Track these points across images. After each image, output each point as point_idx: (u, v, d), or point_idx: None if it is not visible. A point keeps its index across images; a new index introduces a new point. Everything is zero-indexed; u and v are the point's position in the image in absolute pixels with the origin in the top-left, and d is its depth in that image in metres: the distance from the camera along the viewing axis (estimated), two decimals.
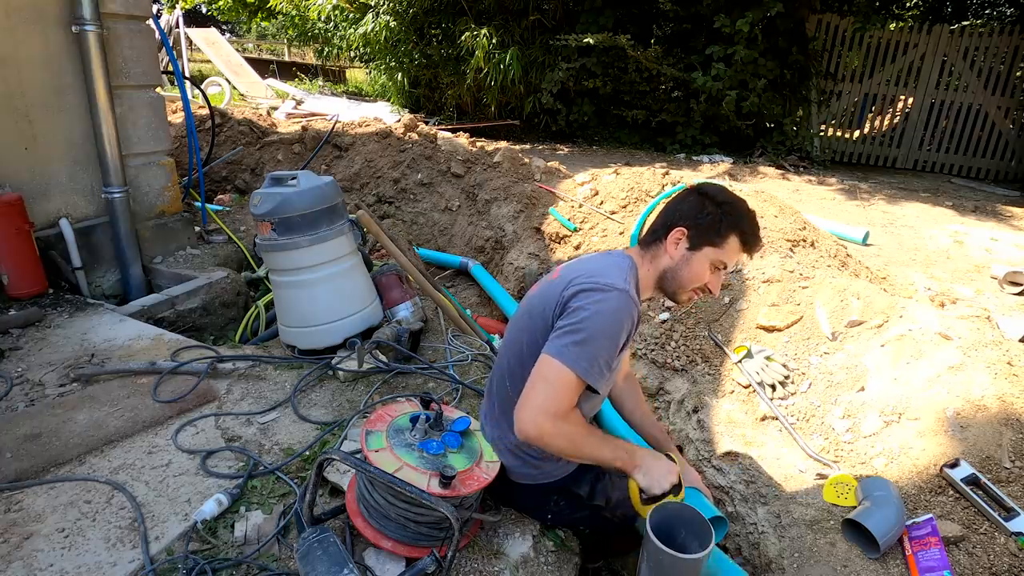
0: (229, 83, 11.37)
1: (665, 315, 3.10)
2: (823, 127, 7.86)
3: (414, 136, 6.01)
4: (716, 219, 1.53)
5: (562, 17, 8.39)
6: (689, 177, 5.41)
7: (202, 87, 9.17)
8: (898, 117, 8.24)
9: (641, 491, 1.54)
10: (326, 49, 11.60)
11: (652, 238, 1.60)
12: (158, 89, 3.35)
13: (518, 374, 1.53)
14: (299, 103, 10.17)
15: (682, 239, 1.55)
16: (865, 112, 8.20)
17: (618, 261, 1.56)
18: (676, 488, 1.56)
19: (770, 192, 4.42)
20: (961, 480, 1.88)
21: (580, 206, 4.56)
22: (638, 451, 1.56)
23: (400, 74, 9.48)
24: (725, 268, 1.59)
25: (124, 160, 3.13)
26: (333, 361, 2.33)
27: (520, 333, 1.59)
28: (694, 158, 7.89)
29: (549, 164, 5.75)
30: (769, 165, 6.93)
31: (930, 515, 1.81)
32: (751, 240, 1.56)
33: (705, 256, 1.55)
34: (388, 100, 11.16)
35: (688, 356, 2.97)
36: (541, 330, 1.49)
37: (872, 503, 1.84)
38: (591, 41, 7.33)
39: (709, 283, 1.58)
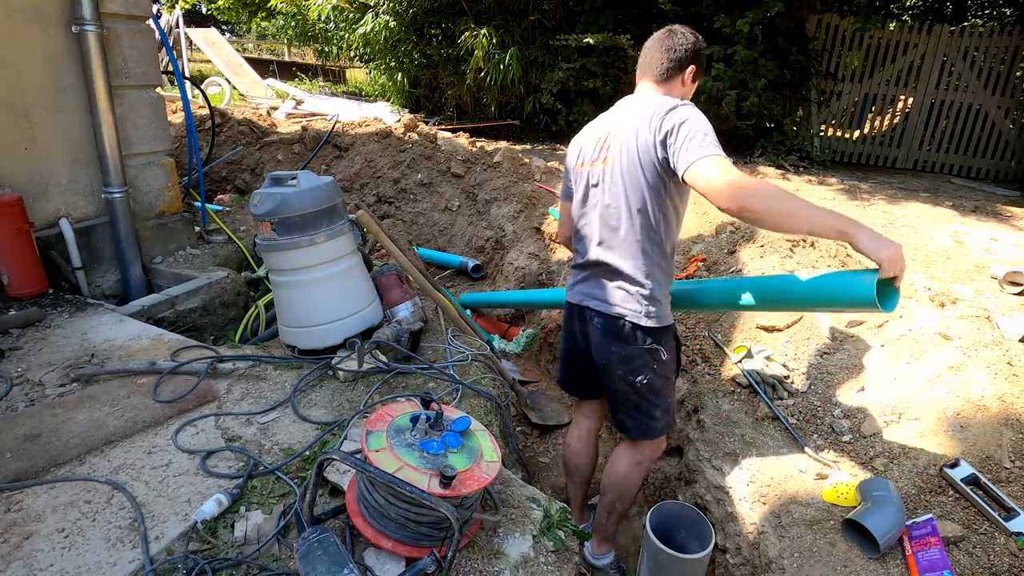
0: (229, 83, 11.36)
1: None
2: (823, 127, 7.85)
3: (414, 136, 6.02)
4: (703, 56, 1.98)
5: (562, 17, 8.38)
6: None
7: (202, 87, 9.17)
8: (898, 117, 8.24)
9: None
10: (326, 49, 11.58)
11: (669, 75, 1.93)
12: (158, 89, 3.35)
13: (644, 223, 1.86)
14: (299, 103, 10.17)
15: (691, 74, 1.94)
16: (865, 112, 8.19)
17: (651, 96, 1.90)
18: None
19: None
20: (961, 480, 1.88)
21: None
22: (849, 218, 1.55)
23: (400, 74, 9.46)
24: None
25: (124, 160, 3.13)
26: (333, 361, 2.33)
27: (630, 192, 1.86)
28: None
29: (549, 164, 5.75)
30: (769, 165, 6.93)
31: (930, 515, 1.81)
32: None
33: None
34: (388, 100, 11.14)
35: (688, 356, 2.97)
36: (654, 170, 1.80)
37: (872, 503, 1.84)
38: (591, 41, 7.33)
39: None
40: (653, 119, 1.76)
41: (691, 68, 1.92)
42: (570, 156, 2.12)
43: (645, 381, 1.99)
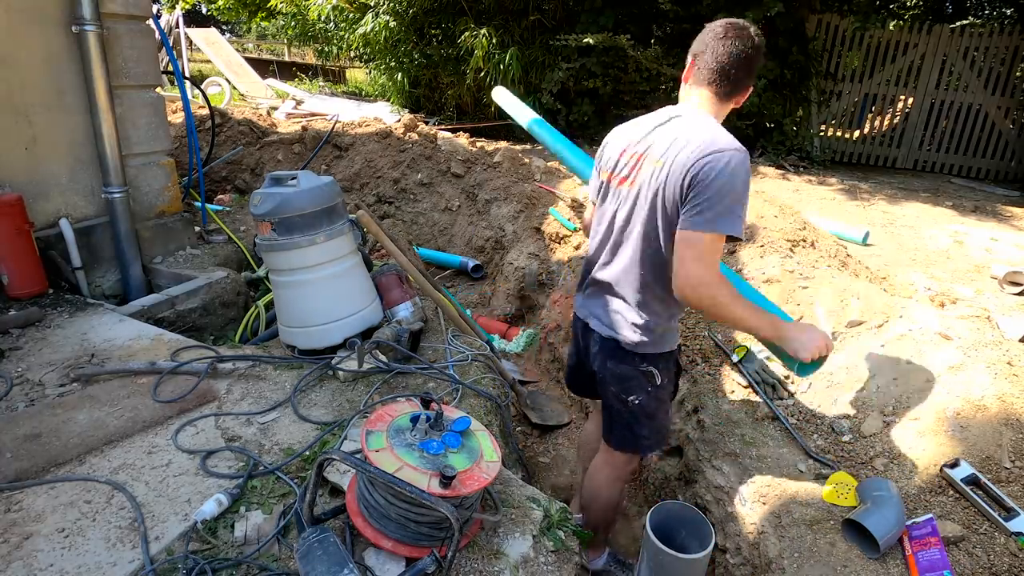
0: (229, 83, 11.37)
1: None
2: (823, 127, 7.85)
3: (414, 136, 6.02)
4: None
5: (562, 17, 8.38)
6: None
7: (202, 87, 9.17)
8: (898, 117, 8.24)
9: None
10: (326, 49, 11.59)
11: (732, 90, 1.74)
12: (158, 89, 3.35)
13: (652, 259, 1.78)
14: (299, 103, 10.18)
15: (747, 94, 1.79)
16: (865, 112, 8.20)
17: (710, 123, 1.68)
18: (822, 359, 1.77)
19: (770, 192, 4.42)
20: (961, 480, 1.88)
21: (580, 206, 4.56)
22: (782, 323, 1.74)
23: (400, 74, 9.47)
24: None
25: (124, 160, 3.13)
26: (333, 361, 2.33)
27: (646, 224, 1.76)
28: None
29: (549, 164, 5.75)
30: (769, 165, 6.93)
31: (930, 515, 1.81)
32: None
33: None
34: (388, 100, 11.14)
35: (688, 356, 2.97)
36: (671, 211, 1.67)
37: (872, 503, 1.84)
38: (591, 41, 7.33)
39: None
40: (690, 158, 1.60)
41: (750, 90, 1.78)
42: (602, 154, 1.94)
43: (638, 402, 1.98)
